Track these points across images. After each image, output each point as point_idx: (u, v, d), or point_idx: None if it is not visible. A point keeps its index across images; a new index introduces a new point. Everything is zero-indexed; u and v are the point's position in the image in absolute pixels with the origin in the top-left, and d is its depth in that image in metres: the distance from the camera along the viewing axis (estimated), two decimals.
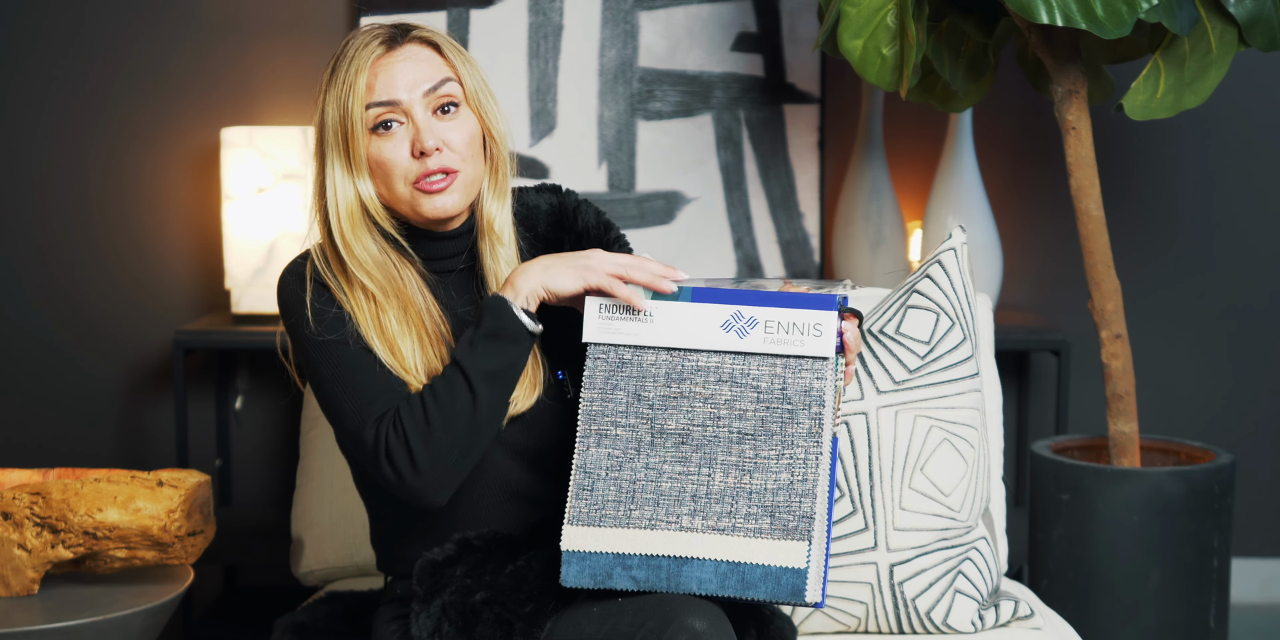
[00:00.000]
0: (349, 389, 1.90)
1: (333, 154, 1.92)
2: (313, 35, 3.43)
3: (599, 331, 1.86)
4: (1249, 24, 2.61)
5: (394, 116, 1.91)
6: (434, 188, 1.91)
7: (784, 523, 1.79)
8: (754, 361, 1.84)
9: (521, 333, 1.86)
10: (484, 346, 1.86)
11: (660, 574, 1.81)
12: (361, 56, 1.90)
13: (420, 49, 1.94)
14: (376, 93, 1.90)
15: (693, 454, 1.83)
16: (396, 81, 1.91)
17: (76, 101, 3.45)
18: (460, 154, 1.92)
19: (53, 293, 3.50)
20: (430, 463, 1.85)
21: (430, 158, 1.90)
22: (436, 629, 1.88)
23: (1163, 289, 3.50)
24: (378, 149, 1.91)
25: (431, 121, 1.92)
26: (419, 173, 1.91)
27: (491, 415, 1.87)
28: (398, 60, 1.92)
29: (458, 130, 1.93)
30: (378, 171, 1.92)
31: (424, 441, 1.85)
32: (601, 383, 1.85)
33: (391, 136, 1.91)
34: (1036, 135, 3.46)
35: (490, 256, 1.98)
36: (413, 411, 1.86)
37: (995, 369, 2.61)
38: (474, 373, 1.85)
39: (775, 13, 3.37)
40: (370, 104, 1.90)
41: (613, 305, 1.85)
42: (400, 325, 1.92)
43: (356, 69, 1.90)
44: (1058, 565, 2.82)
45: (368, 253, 1.92)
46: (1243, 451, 3.49)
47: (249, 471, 3.53)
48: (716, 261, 3.42)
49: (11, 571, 2.24)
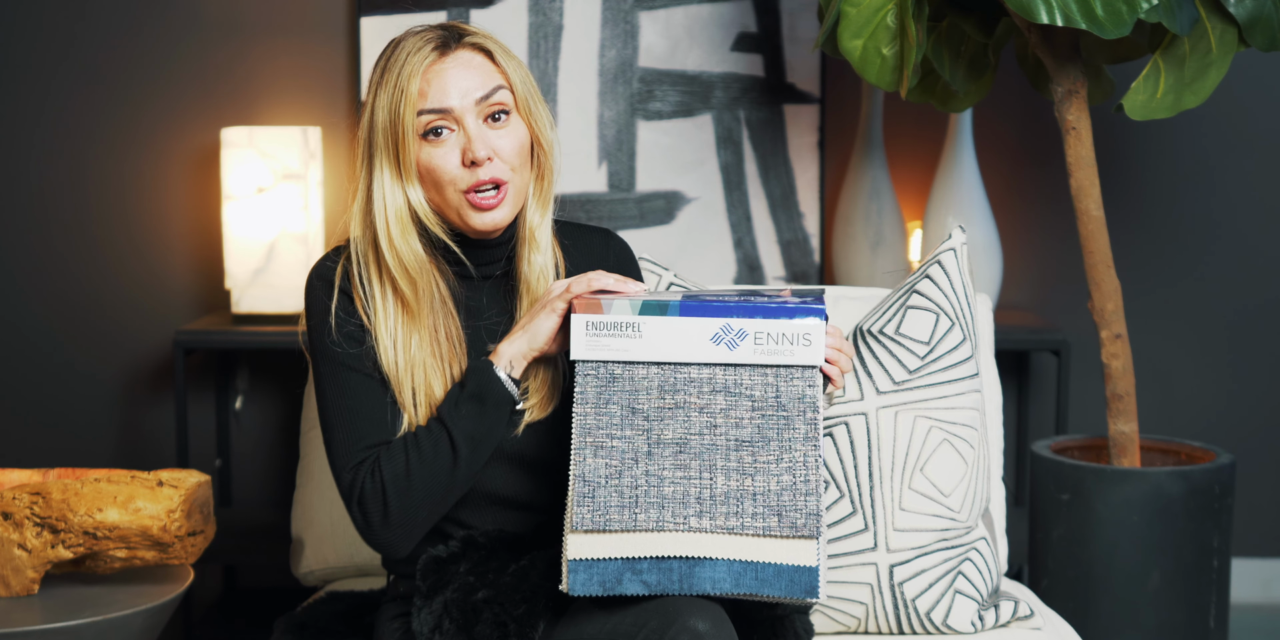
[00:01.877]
0: (343, 420, 1.92)
1: (381, 158, 1.91)
2: (313, 35, 3.43)
3: (587, 348, 1.85)
4: (1249, 24, 2.61)
5: (445, 124, 1.90)
6: (485, 204, 1.91)
7: (792, 521, 1.80)
8: (745, 372, 1.85)
9: (504, 398, 1.89)
10: (468, 408, 1.88)
11: (672, 576, 1.80)
12: (414, 61, 1.88)
13: (473, 55, 1.92)
14: (429, 99, 1.89)
15: (692, 462, 1.83)
16: (449, 88, 1.89)
17: (76, 101, 3.45)
18: (510, 163, 1.92)
19: (53, 293, 3.50)
20: (402, 517, 1.88)
21: (481, 168, 1.90)
22: (437, 626, 1.89)
23: (1163, 289, 3.50)
24: (428, 156, 1.90)
25: (483, 129, 1.91)
26: (470, 182, 1.90)
27: (467, 475, 1.90)
28: (450, 66, 1.90)
29: (508, 138, 1.92)
30: (427, 177, 1.92)
31: (400, 495, 1.87)
32: (594, 397, 1.85)
33: (442, 143, 1.90)
34: (1036, 135, 3.46)
35: (527, 263, 1.98)
36: (394, 463, 1.88)
37: (995, 369, 2.61)
38: (458, 433, 1.88)
39: (775, 13, 3.37)
40: (422, 110, 1.89)
41: (600, 322, 1.85)
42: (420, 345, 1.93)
43: (409, 74, 1.88)
44: (1058, 565, 2.82)
45: (413, 255, 1.92)
46: (1243, 451, 3.49)
47: (249, 471, 3.53)
48: (716, 261, 3.42)
49: (11, 571, 2.24)
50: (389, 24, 3.36)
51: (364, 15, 3.37)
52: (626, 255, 2.12)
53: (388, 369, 1.92)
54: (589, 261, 2.07)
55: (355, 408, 1.92)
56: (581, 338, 1.85)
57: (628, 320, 1.84)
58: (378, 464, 1.88)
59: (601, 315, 1.85)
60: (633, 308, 1.84)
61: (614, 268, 2.09)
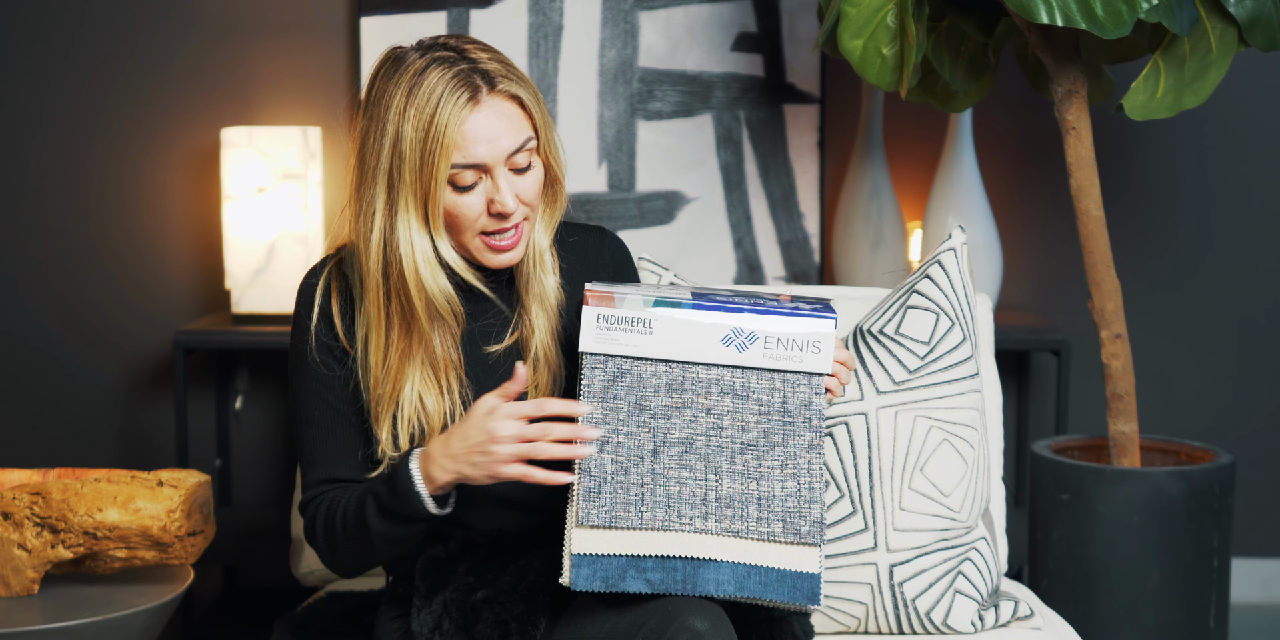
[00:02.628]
0: (308, 448, 1.96)
1: (408, 199, 1.88)
2: (313, 35, 3.43)
3: (597, 341, 1.84)
4: (1249, 24, 2.61)
5: (474, 175, 1.89)
6: (502, 246, 1.92)
7: (796, 528, 1.79)
8: (753, 375, 1.85)
9: (423, 513, 1.85)
10: (390, 518, 1.86)
11: (676, 576, 1.79)
12: (447, 110, 1.85)
13: (505, 104, 1.89)
14: (464, 153, 1.86)
15: (697, 462, 1.83)
16: (482, 143, 1.87)
17: (76, 101, 3.45)
18: (530, 204, 1.93)
19: (53, 293, 3.50)
20: (333, 562, 1.96)
21: (506, 218, 1.91)
22: (437, 626, 1.89)
23: (1163, 289, 3.50)
24: (453, 203, 1.89)
25: (510, 180, 1.90)
26: (492, 227, 1.91)
27: (395, 554, 1.94)
28: (484, 120, 1.87)
29: (529, 180, 1.92)
30: (447, 219, 1.91)
31: (330, 549, 1.94)
32: (601, 392, 1.84)
33: (470, 193, 1.89)
34: (1036, 135, 3.46)
35: (531, 281, 1.99)
36: (329, 524, 1.92)
37: (995, 369, 2.61)
38: (375, 532, 1.88)
39: (775, 13, 3.37)
40: (456, 164, 1.87)
41: (611, 316, 1.84)
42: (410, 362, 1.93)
43: (444, 123, 1.84)
44: (1058, 565, 2.82)
45: (444, 295, 1.92)
46: (1243, 451, 3.49)
47: (249, 471, 3.53)
48: (716, 261, 3.42)
49: (11, 571, 2.24)
50: (389, 24, 3.36)
51: (364, 15, 3.37)
52: (622, 253, 2.12)
53: (371, 393, 1.94)
54: (584, 260, 2.07)
55: (319, 440, 1.96)
56: (592, 330, 1.83)
57: (639, 315, 1.83)
58: (316, 514, 1.94)
59: (614, 309, 1.83)
60: (645, 303, 1.83)
61: (610, 266, 2.09)
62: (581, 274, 2.06)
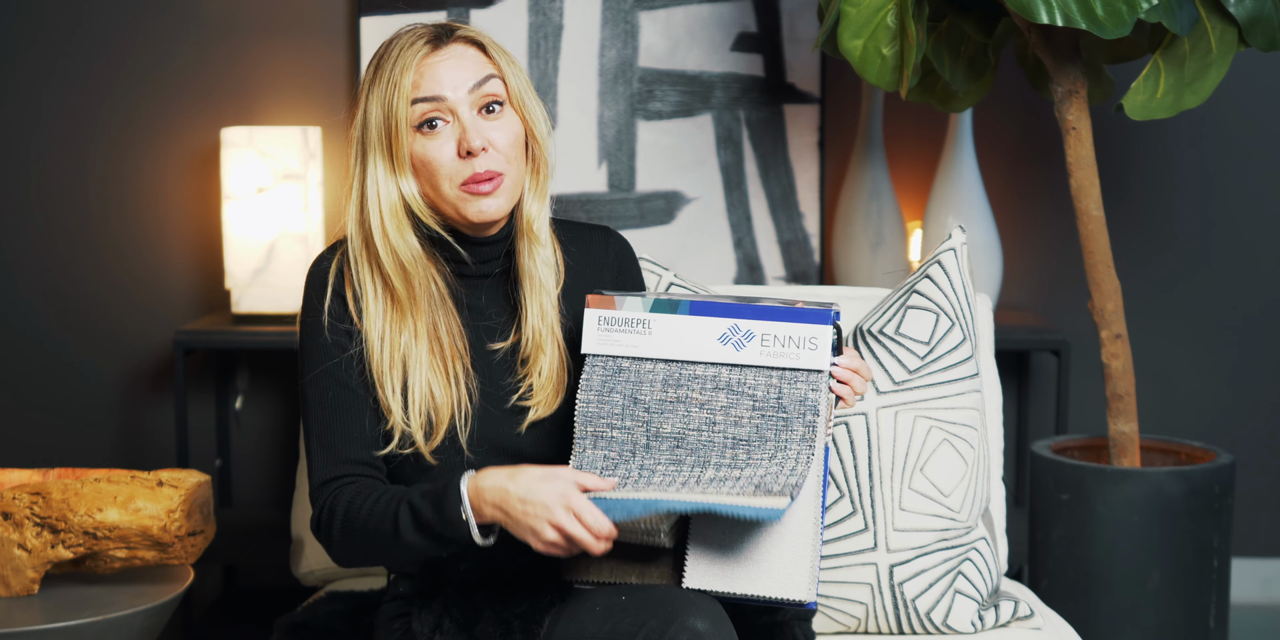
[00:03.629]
0: (321, 431, 1.93)
1: (375, 153, 1.92)
2: (313, 35, 3.43)
3: (598, 343, 1.89)
4: (1249, 24, 2.61)
5: (439, 115, 1.90)
6: (481, 191, 1.91)
7: (768, 488, 1.79)
8: (750, 372, 1.87)
9: (469, 543, 1.83)
10: (429, 536, 1.83)
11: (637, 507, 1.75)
12: (406, 55, 1.90)
13: (465, 48, 1.93)
14: (422, 89, 1.90)
15: (687, 457, 1.85)
16: (442, 79, 1.90)
17: (76, 101, 3.45)
18: (505, 155, 1.92)
19: (53, 293, 3.50)
20: (344, 556, 1.92)
21: (477, 158, 1.90)
22: (438, 625, 1.89)
23: (1163, 289, 3.50)
24: (423, 147, 1.91)
25: (477, 120, 1.91)
26: (466, 175, 1.90)
27: (403, 562, 1.95)
28: (443, 58, 1.91)
29: (502, 130, 1.92)
30: (422, 171, 1.92)
31: (344, 543, 1.90)
32: (599, 386, 1.88)
33: (437, 135, 1.90)
34: (1036, 135, 3.46)
35: (528, 257, 1.98)
36: (348, 518, 1.87)
37: (995, 369, 2.61)
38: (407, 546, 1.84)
39: (775, 13, 3.37)
40: (415, 99, 1.89)
41: (612, 318, 1.89)
42: (413, 342, 1.93)
43: (401, 67, 1.89)
44: (1058, 565, 2.82)
45: (409, 248, 1.92)
46: (1243, 451, 3.49)
47: (249, 471, 3.53)
48: (716, 261, 3.42)
49: (11, 571, 2.24)
50: (389, 24, 3.36)
51: (364, 15, 3.37)
52: (626, 253, 2.12)
53: (375, 368, 1.92)
54: (589, 259, 2.07)
55: (334, 422, 1.93)
56: (594, 332, 1.89)
57: (638, 317, 1.88)
58: (335, 504, 1.88)
59: (614, 311, 1.89)
60: (644, 305, 1.89)
61: (614, 265, 2.09)
62: (586, 273, 2.06)
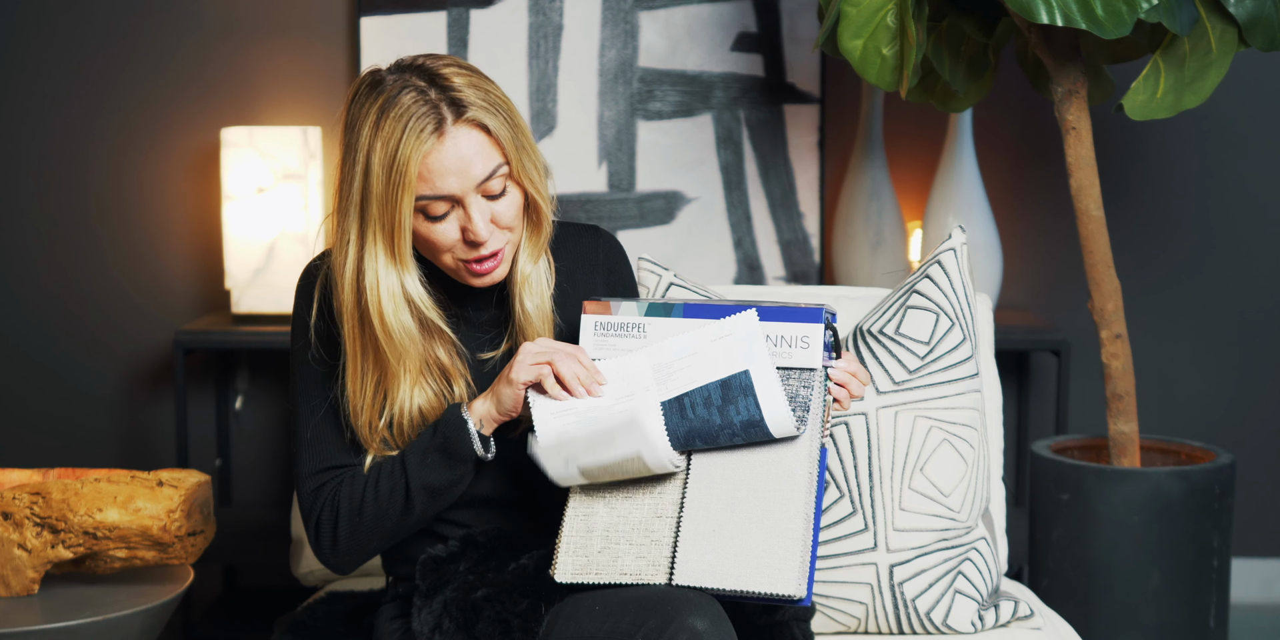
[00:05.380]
0: (310, 438, 1.96)
1: (375, 233, 1.88)
2: (313, 35, 3.43)
3: (594, 348, 1.92)
4: (1249, 24, 2.61)
5: (444, 205, 1.88)
6: (481, 269, 1.92)
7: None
8: None
9: (469, 454, 1.90)
10: (433, 459, 1.90)
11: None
12: (409, 144, 1.84)
13: (470, 134, 1.86)
14: (430, 185, 1.86)
15: None
16: (449, 177, 1.86)
17: (76, 102, 3.45)
18: (507, 227, 1.92)
19: (53, 293, 3.50)
20: (350, 546, 1.94)
21: (483, 246, 1.90)
22: (437, 625, 1.89)
23: (1163, 289, 3.50)
24: (427, 230, 1.89)
25: (482, 205, 1.89)
26: (470, 257, 1.91)
27: (420, 520, 1.95)
28: (449, 151, 1.85)
29: (505, 204, 1.91)
30: (423, 244, 1.91)
31: (351, 528, 1.93)
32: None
33: (443, 221, 1.89)
34: (1036, 135, 3.46)
35: (521, 306, 1.99)
36: (351, 499, 1.92)
37: (995, 369, 2.61)
38: (416, 484, 1.90)
39: (775, 13, 3.37)
40: (421, 196, 1.86)
41: (607, 323, 1.91)
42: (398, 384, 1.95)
43: (405, 158, 1.84)
44: (1058, 565, 2.82)
45: (404, 330, 1.92)
46: (1243, 451, 3.49)
47: (249, 471, 3.53)
48: (716, 261, 3.42)
49: (11, 571, 2.24)
50: (389, 24, 3.36)
51: (364, 15, 3.37)
52: (616, 252, 2.12)
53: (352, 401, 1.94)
54: (578, 261, 2.07)
55: (321, 429, 1.96)
56: (590, 337, 1.92)
57: (633, 321, 1.91)
58: (337, 494, 1.93)
59: (609, 316, 1.91)
60: (639, 309, 1.91)
61: (604, 266, 2.09)
62: (577, 274, 2.06)
